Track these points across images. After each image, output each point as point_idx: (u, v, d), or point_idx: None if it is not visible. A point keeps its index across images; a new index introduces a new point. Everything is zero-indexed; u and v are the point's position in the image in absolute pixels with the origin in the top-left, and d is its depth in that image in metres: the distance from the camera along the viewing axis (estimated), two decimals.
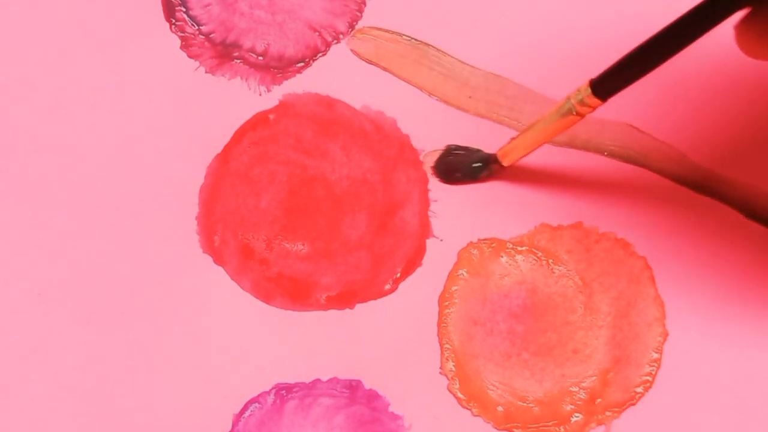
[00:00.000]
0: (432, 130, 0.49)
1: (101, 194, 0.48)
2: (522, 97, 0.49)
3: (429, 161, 0.48)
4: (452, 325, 0.46)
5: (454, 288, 0.46)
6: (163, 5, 0.51)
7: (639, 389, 0.45)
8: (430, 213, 0.48)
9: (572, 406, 0.45)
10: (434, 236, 0.47)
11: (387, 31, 0.50)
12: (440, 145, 0.49)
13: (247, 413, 0.45)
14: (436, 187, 0.48)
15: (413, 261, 0.47)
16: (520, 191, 0.48)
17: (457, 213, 0.48)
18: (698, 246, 0.45)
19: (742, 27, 0.39)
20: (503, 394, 0.45)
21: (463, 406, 0.45)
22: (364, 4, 0.51)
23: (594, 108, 0.43)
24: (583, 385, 0.45)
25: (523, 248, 0.47)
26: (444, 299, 0.46)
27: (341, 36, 0.50)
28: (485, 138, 0.48)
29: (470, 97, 0.49)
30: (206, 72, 0.50)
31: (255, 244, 0.48)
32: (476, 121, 0.49)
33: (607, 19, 0.50)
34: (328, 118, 0.49)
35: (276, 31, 0.51)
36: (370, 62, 0.50)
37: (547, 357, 0.46)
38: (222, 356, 0.46)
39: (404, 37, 0.50)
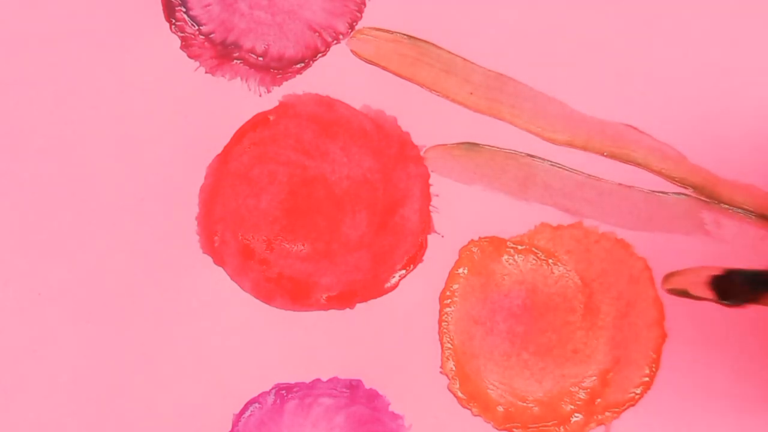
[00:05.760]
0: (433, 126, 0.49)
1: (101, 194, 0.48)
2: (522, 95, 0.49)
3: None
4: (453, 324, 0.46)
5: (455, 286, 0.46)
6: (163, 5, 0.51)
7: (638, 390, 0.45)
8: (431, 208, 0.48)
9: (572, 406, 0.45)
10: (435, 232, 0.47)
11: (387, 31, 0.50)
12: (442, 141, 0.49)
13: (247, 413, 0.45)
14: (438, 182, 0.48)
15: (414, 257, 0.47)
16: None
17: (459, 209, 0.48)
18: (698, 247, 0.45)
19: None
20: (503, 393, 0.45)
21: (464, 406, 0.45)
22: (364, 4, 0.51)
23: None
24: (583, 385, 0.45)
25: (523, 247, 0.47)
26: (445, 297, 0.46)
27: (341, 36, 0.50)
28: (486, 135, 0.48)
29: (471, 93, 0.49)
30: (206, 72, 0.50)
31: (255, 244, 0.48)
32: (477, 117, 0.49)
33: (606, 17, 0.50)
34: (328, 118, 0.49)
35: (276, 32, 0.51)
36: (370, 62, 0.50)
37: (547, 357, 0.46)
38: (222, 356, 0.46)
39: (404, 36, 0.50)
